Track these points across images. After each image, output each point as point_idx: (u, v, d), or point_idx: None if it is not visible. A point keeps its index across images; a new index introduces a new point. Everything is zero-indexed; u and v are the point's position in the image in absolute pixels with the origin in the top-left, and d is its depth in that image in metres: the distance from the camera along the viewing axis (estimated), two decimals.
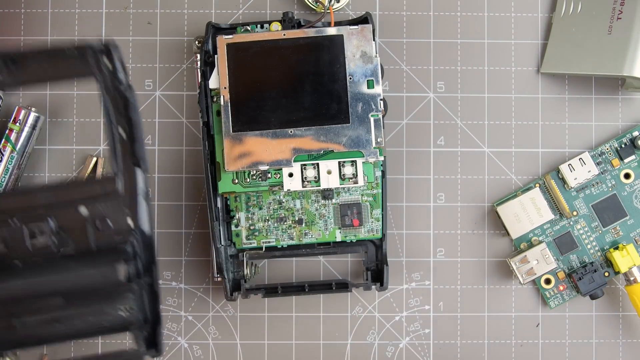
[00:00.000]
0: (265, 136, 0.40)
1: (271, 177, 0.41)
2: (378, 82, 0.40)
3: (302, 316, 0.44)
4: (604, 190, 0.44)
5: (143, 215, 0.30)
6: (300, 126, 0.40)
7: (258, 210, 0.42)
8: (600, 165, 0.44)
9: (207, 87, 0.41)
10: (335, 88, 0.40)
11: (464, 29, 0.45)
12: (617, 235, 0.44)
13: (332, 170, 0.41)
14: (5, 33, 0.44)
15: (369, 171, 0.41)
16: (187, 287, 0.44)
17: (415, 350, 0.44)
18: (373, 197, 0.42)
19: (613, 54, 0.41)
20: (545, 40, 0.45)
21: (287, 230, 0.42)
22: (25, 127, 0.43)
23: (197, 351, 0.44)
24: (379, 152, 0.40)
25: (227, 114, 0.40)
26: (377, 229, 0.42)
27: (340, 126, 0.40)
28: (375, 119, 0.40)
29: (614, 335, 0.44)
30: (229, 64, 0.41)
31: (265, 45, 0.41)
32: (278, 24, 0.42)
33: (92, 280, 0.30)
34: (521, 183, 0.45)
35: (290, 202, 0.42)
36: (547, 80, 0.45)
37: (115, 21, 0.45)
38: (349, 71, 0.41)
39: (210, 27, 0.42)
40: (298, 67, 0.41)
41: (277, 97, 0.41)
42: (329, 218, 0.42)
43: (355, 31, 0.41)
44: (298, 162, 0.41)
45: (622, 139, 0.44)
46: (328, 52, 0.41)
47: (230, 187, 0.41)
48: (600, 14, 0.42)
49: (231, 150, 0.40)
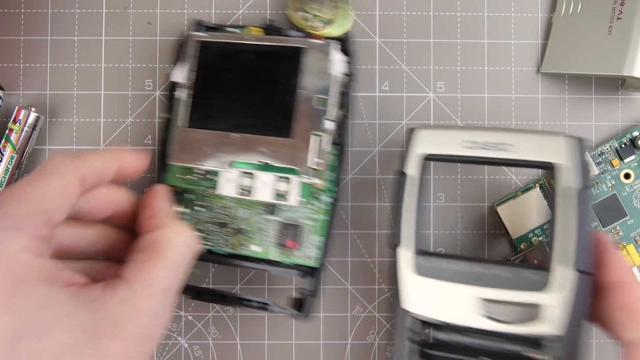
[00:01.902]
0: (211, 136, 0.40)
1: (211, 179, 0.41)
2: (331, 101, 0.39)
3: None
4: (604, 191, 0.44)
5: None
6: (245, 132, 0.40)
7: (204, 211, 0.42)
8: (600, 165, 0.44)
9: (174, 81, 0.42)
10: (285, 100, 0.39)
11: (464, 29, 0.45)
12: (617, 236, 0.44)
13: (267, 183, 0.40)
14: (5, 33, 0.45)
15: (305, 191, 0.40)
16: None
17: None
18: (318, 223, 0.41)
19: (613, 54, 0.41)
20: (545, 40, 0.45)
21: (226, 237, 0.41)
22: (25, 127, 0.43)
23: (197, 351, 0.44)
24: (316, 174, 0.39)
25: (183, 108, 0.41)
26: (314, 256, 0.40)
27: (282, 139, 0.39)
28: (317, 138, 0.39)
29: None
30: (198, 61, 0.41)
31: (229, 46, 0.41)
32: (260, 30, 0.42)
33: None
34: (521, 183, 0.45)
35: (235, 209, 0.41)
36: (547, 80, 0.45)
37: (115, 21, 0.45)
38: (301, 85, 0.39)
39: (197, 24, 0.42)
40: (256, 73, 0.40)
41: (230, 100, 0.40)
42: (267, 234, 0.41)
43: (317, 45, 0.40)
44: (237, 169, 0.40)
45: (622, 139, 0.44)
46: (287, 63, 0.40)
47: (173, 181, 0.41)
48: (600, 14, 0.42)
49: (178, 144, 0.40)
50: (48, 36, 0.45)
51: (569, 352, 0.35)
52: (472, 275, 0.36)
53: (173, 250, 0.35)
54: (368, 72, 0.45)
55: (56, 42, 0.45)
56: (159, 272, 0.34)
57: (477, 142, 0.38)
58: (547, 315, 0.35)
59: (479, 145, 0.38)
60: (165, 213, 0.37)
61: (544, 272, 0.35)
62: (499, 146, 0.37)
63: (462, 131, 0.38)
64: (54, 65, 0.44)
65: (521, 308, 0.36)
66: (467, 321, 0.36)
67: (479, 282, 0.36)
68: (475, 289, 0.36)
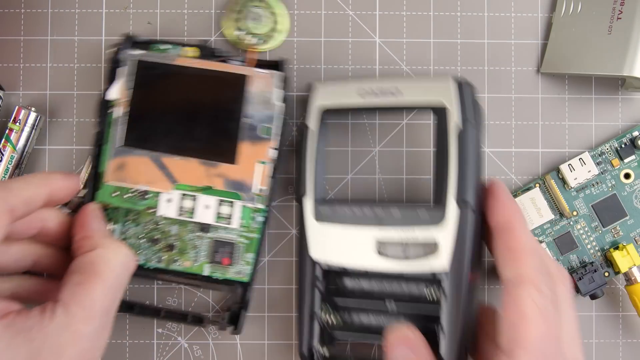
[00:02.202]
0: (152, 157, 0.40)
1: (150, 199, 0.41)
2: (275, 130, 0.40)
3: None
4: (604, 190, 0.44)
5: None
6: (187, 156, 0.40)
7: (134, 226, 0.42)
8: (600, 165, 0.44)
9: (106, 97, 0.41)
10: (229, 127, 0.40)
11: (464, 29, 0.45)
12: (617, 235, 0.44)
13: (210, 206, 0.40)
14: (5, 33, 0.44)
15: (246, 215, 0.41)
16: (187, 287, 0.44)
17: None
18: (250, 241, 0.42)
19: (613, 54, 0.41)
20: (545, 40, 0.45)
21: (158, 253, 0.42)
22: (25, 127, 0.43)
23: (197, 351, 0.44)
24: (258, 200, 0.40)
25: (120, 127, 0.40)
26: (245, 272, 0.42)
27: (226, 165, 0.40)
28: (262, 166, 0.40)
29: (614, 335, 0.44)
30: (133, 79, 0.41)
31: (172, 69, 0.41)
32: (196, 49, 0.42)
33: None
34: (521, 183, 0.45)
35: (167, 225, 0.42)
36: (547, 80, 0.45)
37: (115, 21, 0.45)
38: (246, 112, 0.40)
39: (126, 38, 0.42)
40: (199, 98, 0.40)
41: (171, 122, 0.40)
42: (201, 250, 0.42)
43: (262, 75, 0.40)
44: (179, 190, 0.40)
45: (622, 139, 0.44)
46: (230, 90, 0.40)
47: (108, 199, 0.41)
48: (600, 14, 0.42)
49: (114, 163, 0.40)
50: (48, 36, 0.45)
51: (453, 288, 0.37)
52: (370, 217, 0.38)
53: (110, 271, 0.35)
54: (368, 72, 0.45)
55: (56, 42, 0.45)
56: (97, 294, 0.33)
57: (370, 91, 0.40)
58: (437, 252, 0.37)
59: (373, 93, 0.39)
60: (100, 233, 0.38)
61: (436, 210, 0.37)
62: (391, 92, 0.39)
63: (356, 82, 0.40)
64: (54, 65, 0.44)
65: (416, 246, 0.38)
66: (367, 263, 0.38)
67: (375, 223, 0.38)
68: (372, 229, 0.38)
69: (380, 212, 0.38)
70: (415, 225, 0.38)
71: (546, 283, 0.35)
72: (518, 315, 0.34)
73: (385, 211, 0.38)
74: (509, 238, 0.36)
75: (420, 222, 0.38)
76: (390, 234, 0.38)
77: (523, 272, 0.35)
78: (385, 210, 0.38)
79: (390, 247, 0.38)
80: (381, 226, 0.38)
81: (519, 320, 0.34)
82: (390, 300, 0.39)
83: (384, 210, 0.38)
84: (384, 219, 0.38)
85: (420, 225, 0.38)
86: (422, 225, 0.37)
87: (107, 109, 0.41)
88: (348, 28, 0.45)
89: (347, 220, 0.39)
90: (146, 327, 0.44)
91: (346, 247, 0.39)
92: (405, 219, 0.38)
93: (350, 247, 0.39)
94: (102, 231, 0.38)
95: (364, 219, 0.39)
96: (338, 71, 0.45)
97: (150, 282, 0.44)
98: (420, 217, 0.38)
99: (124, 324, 0.44)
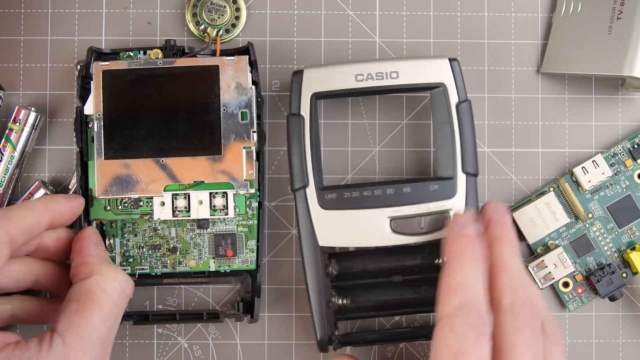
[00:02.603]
0: (137, 165, 0.40)
1: (143, 205, 0.41)
2: (252, 114, 0.40)
3: (302, 316, 0.44)
4: (618, 192, 0.44)
5: None
6: (172, 156, 0.40)
7: (133, 236, 0.42)
8: (614, 166, 0.44)
9: (82, 112, 0.41)
10: (209, 119, 0.40)
11: (464, 29, 0.45)
12: (633, 236, 0.44)
13: (203, 201, 0.41)
14: (5, 33, 0.44)
15: (241, 203, 0.41)
16: (187, 287, 0.44)
17: (415, 350, 0.44)
18: (248, 228, 0.42)
19: (613, 54, 0.41)
20: (545, 40, 0.45)
21: (161, 258, 0.42)
22: (25, 127, 0.43)
23: (197, 351, 0.44)
24: (250, 185, 0.40)
25: (100, 140, 0.40)
26: (251, 260, 0.42)
27: (212, 157, 0.40)
28: (248, 151, 0.40)
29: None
30: (104, 91, 0.40)
31: (141, 73, 0.40)
32: (158, 51, 0.42)
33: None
34: (521, 183, 0.45)
35: (165, 230, 0.42)
36: (547, 80, 0.45)
37: (115, 21, 0.45)
38: (223, 102, 0.40)
39: (91, 52, 0.42)
40: (173, 96, 0.40)
41: (150, 126, 0.40)
42: (203, 247, 0.42)
43: (231, 62, 0.41)
44: (169, 192, 0.40)
45: (634, 139, 0.44)
46: (203, 83, 0.40)
47: (102, 214, 0.41)
48: (600, 14, 0.42)
49: (102, 177, 0.40)
50: (48, 36, 0.45)
51: None
52: (382, 198, 0.39)
53: (107, 298, 0.34)
54: None
55: (56, 42, 0.45)
56: (94, 322, 0.33)
57: (367, 74, 0.40)
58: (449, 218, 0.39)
59: (370, 76, 0.40)
60: (97, 258, 0.37)
61: (445, 182, 0.40)
62: (388, 75, 0.40)
63: (349, 65, 0.40)
64: (54, 65, 0.44)
65: (431, 218, 0.39)
66: (383, 242, 0.39)
67: (388, 204, 0.39)
68: (386, 210, 0.39)
69: (391, 191, 0.39)
70: (429, 202, 0.39)
71: (538, 343, 0.33)
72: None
73: (397, 190, 0.39)
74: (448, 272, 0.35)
75: (433, 197, 0.39)
76: (404, 211, 0.39)
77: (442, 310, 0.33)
78: (396, 190, 0.39)
79: (405, 223, 0.39)
80: (395, 207, 0.39)
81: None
82: (398, 276, 0.41)
83: (395, 189, 0.39)
84: (397, 198, 0.39)
85: (434, 201, 0.39)
86: (436, 200, 0.39)
87: (85, 124, 0.41)
88: (348, 28, 0.45)
89: (358, 205, 0.40)
90: (146, 327, 0.44)
91: (359, 230, 0.39)
92: (418, 196, 0.39)
93: (364, 229, 0.39)
94: (100, 257, 0.38)
95: (376, 201, 0.39)
96: None
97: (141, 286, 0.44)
98: (432, 191, 0.39)
99: (124, 324, 0.44)
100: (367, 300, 0.41)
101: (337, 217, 0.40)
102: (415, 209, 0.39)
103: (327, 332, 0.40)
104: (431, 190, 0.39)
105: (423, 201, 0.39)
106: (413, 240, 0.39)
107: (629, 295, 0.44)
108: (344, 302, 0.41)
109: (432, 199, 0.39)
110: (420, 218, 0.39)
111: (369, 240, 0.39)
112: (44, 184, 0.43)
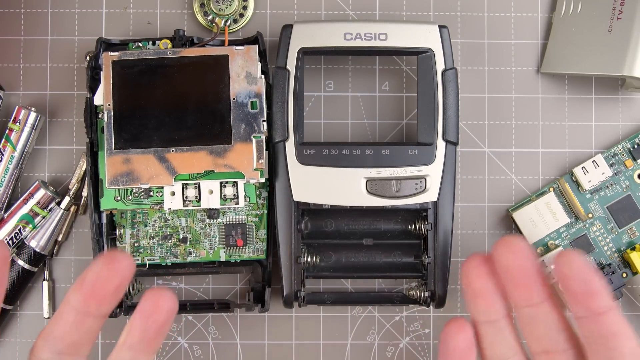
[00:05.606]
0: (147, 154, 0.40)
1: (153, 195, 0.41)
2: (262, 103, 0.40)
3: (301, 316, 0.44)
4: (618, 192, 0.44)
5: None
6: (182, 145, 0.40)
7: (143, 227, 0.42)
8: (614, 166, 0.44)
9: (92, 103, 0.41)
10: (218, 108, 0.40)
11: (464, 29, 0.45)
12: (633, 236, 0.44)
13: (214, 191, 0.40)
14: (5, 33, 0.44)
15: (251, 192, 0.41)
16: (187, 287, 0.44)
17: (415, 350, 0.44)
18: (259, 218, 0.42)
19: (613, 54, 0.41)
20: (545, 40, 0.45)
21: (172, 249, 0.42)
22: (25, 127, 0.43)
23: (197, 351, 0.44)
24: (260, 174, 0.40)
25: (110, 131, 0.40)
26: (261, 249, 0.42)
27: (222, 147, 0.40)
28: (258, 141, 0.40)
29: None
30: (114, 81, 0.40)
31: (151, 63, 0.40)
32: (167, 42, 0.42)
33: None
34: (521, 183, 0.45)
35: (175, 220, 0.42)
36: (547, 80, 0.45)
37: (115, 21, 0.45)
38: (233, 92, 0.40)
39: (100, 42, 0.42)
40: (182, 86, 0.40)
41: (160, 116, 0.40)
42: (213, 237, 0.42)
43: (241, 51, 0.40)
44: (179, 181, 0.40)
45: (634, 139, 0.44)
46: (213, 72, 0.40)
47: (112, 205, 0.41)
48: (600, 14, 0.42)
49: (112, 167, 0.40)
50: (48, 36, 0.45)
51: (440, 216, 0.40)
52: (360, 158, 0.40)
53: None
54: (368, 72, 0.45)
55: (56, 42, 0.45)
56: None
57: (356, 34, 0.40)
58: (426, 186, 0.40)
59: (358, 36, 0.40)
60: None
61: (425, 149, 0.40)
62: (377, 36, 0.40)
63: (339, 23, 0.40)
64: (54, 65, 0.44)
65: (406, 182, 0.40)
66: (357, 202, 0.40)
67: (366, 165, 0.40)
68: (363, 171, 0.40)
69: (370, 152, 0.40)
70: (406, 166, 0.40)
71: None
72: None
73: (375, 152, 0.40)
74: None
75: (411, 162, 0.40)
76: (381, 174, 0.40)
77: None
78: (375, 151, 0.40)
79: (380, 185, 0.40)
80: (372, 168, 0.40)
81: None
82: (370, 239, 0.41)
83: (374, 150, 0.40)
84: (374, 159, 0.40)
85: (411, 166, 0.40)
86: (414, 165, 0.40)
87: (95, 115, 0.41)
88: None
89: (336, 163, 0.40)
90: None
91: (335, 189, 0.40)
92: (396, 160, 0.40)
93: (340, 188, 0.40)
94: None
95: (354, 161, 0.40)
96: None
97: (151, 277, 0.44)
98: (411, 156, 0.40)
99: (124, 324, 0.44)
100: (337, 261, 0.42)
101: (314, 173, 0.40)
102: (392, 172, 0.40)
103: (293, 289, 0.41)
104: (410, 155, 0.40)
105: (400, 165, 0.40)
106: (387, 202, 0.40)
107: (629, 295, 0.44)
108: (313, 260, 0.41)
109: (410, 163, 0.40)
110: (397, 181, 0.40)
111: (343, 199, 0.40)
112: (44, 184, 0.43)
